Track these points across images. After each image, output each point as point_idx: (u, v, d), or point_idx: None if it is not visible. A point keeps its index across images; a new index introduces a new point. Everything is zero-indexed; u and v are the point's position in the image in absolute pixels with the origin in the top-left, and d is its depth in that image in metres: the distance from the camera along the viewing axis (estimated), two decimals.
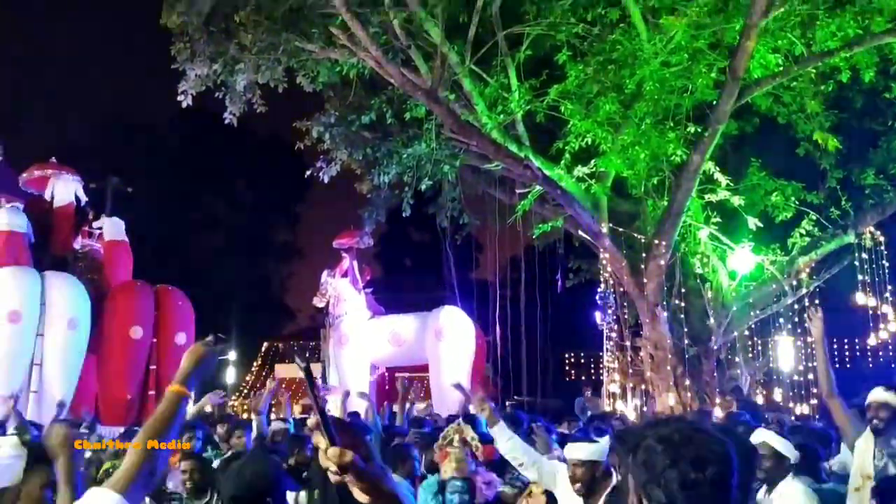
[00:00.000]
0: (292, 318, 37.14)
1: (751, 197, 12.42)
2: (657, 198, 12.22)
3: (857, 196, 12.64)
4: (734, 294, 12.44)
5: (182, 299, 14.17)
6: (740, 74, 10.36)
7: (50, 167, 13.84)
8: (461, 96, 12.34)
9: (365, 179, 14.60)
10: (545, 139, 12.55)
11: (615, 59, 11.09)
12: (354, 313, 15.65)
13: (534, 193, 12.82)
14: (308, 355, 27.73)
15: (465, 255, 20.88)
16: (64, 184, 13.65)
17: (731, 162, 12.71)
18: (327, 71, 12.58)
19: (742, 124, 12.72)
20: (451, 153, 13.14)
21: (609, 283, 12.34)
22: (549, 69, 11.96)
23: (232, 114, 12.49)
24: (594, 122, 11.37)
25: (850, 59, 11.11)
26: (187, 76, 11.86)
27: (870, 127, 12.81)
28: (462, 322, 15.19)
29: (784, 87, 11.83)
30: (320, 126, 13.36)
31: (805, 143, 12.28)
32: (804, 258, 12.49)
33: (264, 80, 11.98)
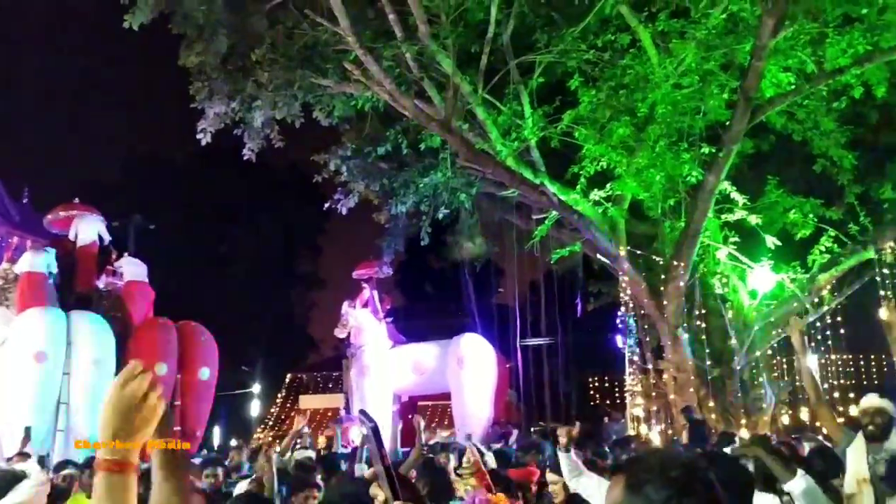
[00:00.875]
0: (315, 349, 37.22)
1: (769, 215, 12.38)
2: (674, 219, 12.23)
3: (875, 211, 12.57)
4: (755, 313, 12.37)
5: (205, 334, 14.30)
6: (752, 94, 10.42)
7: (74, 208, 14.09)
8: (475, 125, 12.47)
9: (383, 209, 14.75)
10: (560, 165, 12.62)
11: (627, 83, 11.19)
12: (376, 343, 15.73)
13: (551, 219, 12.88)
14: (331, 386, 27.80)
15: (485, 281, 20.93)
16: (87, 224, 13.89)
17: (748, 181, 12.69)
18: (342, 105, 12.79)
19: (758, 143, 12.73)
20: (467, 181, 13.26)
21: (629, 306, 12.32)
22: (562, 95, 12.08)
23: (251, 150, 12.71)
24: (608, 146, 11.44)
25: (862, 75, 11.12)
26: (206, 114, 12.11)
27: (885, 141, 12.77)
28: (483, 349, 15.21)
29: (798, 104, 11.84)
30: (337, 159, 13.57)
31: (822, 160, 12.24)
32: (825, 275, 12.41)
33: (281, 116, 12.22)
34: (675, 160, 11.27)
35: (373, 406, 15.25)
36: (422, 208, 13.65)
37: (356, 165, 13.71)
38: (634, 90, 11.25)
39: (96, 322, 12.49)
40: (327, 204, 14.41)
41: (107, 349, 12.37)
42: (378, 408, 15.23)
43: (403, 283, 31.59)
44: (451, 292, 23.96)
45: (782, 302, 12.52)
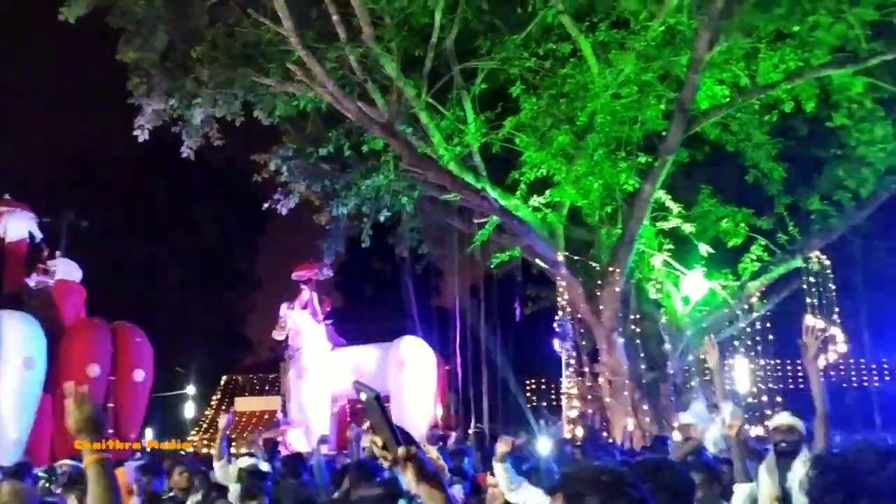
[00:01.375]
0: (252, 351, 36.69)
1: (702, 223, 12.75)
2: (611, 226, 12.48)
3: (803, 221, 13.04)
4: (688, 319, 12.72)
5: (140, 335, 13.98)
6: (688, 106, 10.72)
7: (3, 204, 13.64)
8: (418, 129, 12.49)
9: (323, 211, 14.62)
10: (501, 170, 12.75)
11: (567, 92, 11.40)
12: (314, 345, 15.59)
13: (491, 223, 12.99)
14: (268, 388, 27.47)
15: (426, 284, 20.96)
16: (16, 220, 13.44)
17: (683, 190, 13.03)
18: (284, 104, 12.65)
19: (692, 153, 13.08)
20: (409, 184, 13.26)
21: (566, 311, 12.51)
22: (504, 102, 12.21)
23: (189, 147, 12.48)
24: (548, 154, 11.62)
25: (793, 90, 11.57)
26: (144, 111, 11.85)
27: (814, 154, 13.26)
28: (423, 352, 15.22)
29: (731, 116, 12.24)
30: (278, 159, 13.40)
31: (753, 171, 12.66)
32: (755, 282, 12.83)
33: (221, 114, 12.03)
34: (613, 168, 11.51)
35: (310, 409, 15.11)
36: (363, 210, 13.60)
37: (297, 166, 13.57)
38: (574, 99, 11.46)
39: (26, 322, 12.10)
40: (267, 204, 14.22)
41: (38, 349, 11.99)
42: (315, 411, 15.12)
43: (343, 285, 31.37)
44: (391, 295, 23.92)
45: (714, 308, 12.91)
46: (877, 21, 10.89)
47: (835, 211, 12.93)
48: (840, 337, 13.23)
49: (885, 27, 11.13)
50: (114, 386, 13.15)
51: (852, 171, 12.41)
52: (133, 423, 13.61)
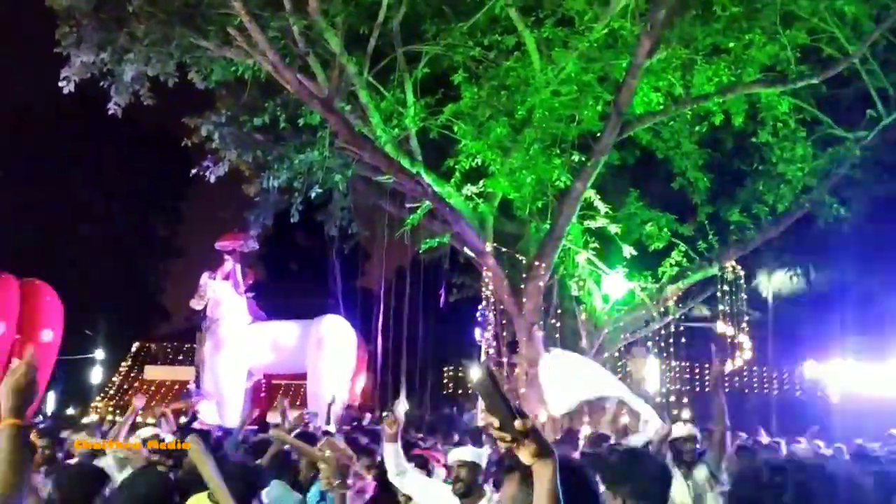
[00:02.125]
0: (167, 319, 35.83)
1: (627, 225, 13.08)
2: (540, 221, 12.67)
3: (723, 231, 13.52)
4: (607, 317, 13.04)
5: (50, 294, 13.51)
6: (624, 109, 10.95)
7: None
8: (357, 107, 12.38)
9: (254, 182, 14.35)
10: (437, 156, 12.77)
11: (508, 84, 11.48)
12: (233, 318, 15.35)
13: (423, 208, 13.01)
14: (181, 358, 26.87)
15: (352, 264, 20.84)
16: None
17: (612, 191, 13.33)
18: (221, 69, 12.32)
19: (624, 156, 13.38)
20: (343, 162, 13.13)
21: (490, 301, 12.66)
22: (446, 88, 12.21)
23: (117, 104, 12.02)
24: (485, 144, 11.69)
25: (724, 104, 11.98)
26: (72, 62, 11.34)
27: (738, 167, 13.75)
28: (344, 332, 15.19)
29: (664, 124, 12.58)
30: (210, 124, 13.03)
31: (680, 178, 13.04)
32: (672, 286, 13.25)
33: (154, 73, 11.62)
34: (547, 164, 11.67)
35: (225, 383, 14.89)
36: (295, 185, 13.38)
37: (230, 133, 13.22)
38: (515, 92, 11.55)
39: None
40: (195, 170, 13.84)
41: None
42: (230, 385, 14.91)
43: (268, 259, 30.91)
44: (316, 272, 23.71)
45: (632, 308, 13.27)
46: (807, 45, 11.37)
47: (752, 224, 13.43)
48: (746, 344, 13.83)
49: (813, 52, 11.64)
50: (19, 345, 12.67)
51: (772, 187, 12.91)
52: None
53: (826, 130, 12.71)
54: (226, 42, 11.53)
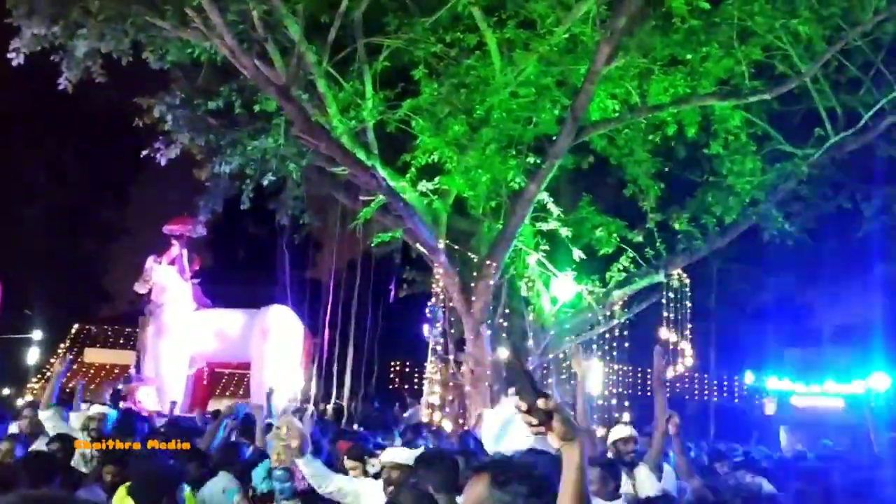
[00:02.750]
0: (109, 302, 35.07)
1: (578, 229, 13.21)
2: (493, 220, 12.72)
3: (670, 240, 13.74)
4: (553, 319, 13.17)
5: None
6: (580, 114, 11.05)
7: None
8: (314, 97, 12.25)
9: (205, 166, 14.08)
10: (394, 151, 12.72)
11: (468, 83, 11.49)
12: (178, 304, 15.10)
13: (377, 202, 12.93)
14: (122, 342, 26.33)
15: (302, 254, 20.65)
16: None
17: (564, 194, 13.47)
18: (177, 50, 12.04)
19: (578, 160, 13.49)
20: (298, 151, 12.99)
21: (440, 298, 12.67)
22: (405, 83, 12.16)
23: (67, 80, 11.69)
24: (442, 141, 11.69)
25: (678, 115, 12.18)
26: (23, 33, 10.99)
27: (689, 177, 13.99)
28: (290, 322, 15.05)
29: (618, 131, 12.73)
30: (163, 105, 12.76)
31: (632, 185, 13.21)
32: (619, 291, 13.43)
33: (107, 50, 11.31)
34: (503, 165, 11.73)
35: (166, 369, 14.64)
36: (247, 171, 13.20)
37: (183, 116, 12.97)
38: (474, 91, 11.57)
39: None
40: (145, 152, 13.55)
41: None
42: (171, 371, 14.66)
43: (216, 245, 30.43)
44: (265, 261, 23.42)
45: (578, 311, 13.42)
46: (761, 62, 11.62)
47: (700, 234, 13.68)
48: (688, 351, 14.11)
49: (767, 69, 11.91)
50: None
51: (720, 198, 13.16)
52: None
53: (776, 146, 13.02)
54: (183, 23, 11.27)
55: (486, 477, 2.01)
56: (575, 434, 1.81)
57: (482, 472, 2.05)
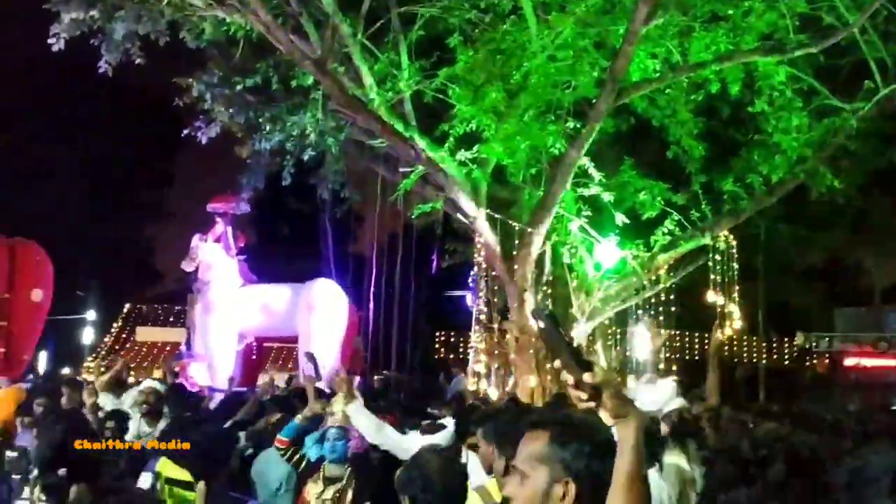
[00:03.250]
0: (158, 281, 35.80)
1: (620, 193, 13.02)
2: (534, 187, 12.61)
3: (716, 201, 13.49)
4: (598, 285, 13.05)
5: (39, 254, 13.42)
6: (620, 76, 10.83)
7: None
8: (350, 70, 12.23)
9: (245, 143, 14.21)
10: (431, 121, 12.65)
11: (504, 49, 11.32)
12: (224, 280, 15.31)
13: (416, 173, 12.92)
14: (172, 320, 26.90)
15: (344, 228, 20.76)
16: None
17: (606, 159, 13.26)
18: (213, 29, 12.10)
19: (619, 123, 13.28)
20: (336, 125, 13.01)
21: (482, 267, 12.66)
22: (441, 51, 12.06)
23: (107, 63, 11.83)
24: (480, 109, 11.57)
25: (720, 72, 11.84)
26: (61, 18, 11.13)
27: (733, 137, 13.68)
28: (335, 296, 15.17)
29: (660, 91, 12.46)
30: (202, 84, 12.87)
31: (674, 147, 12.96)
32: (664, 255, 13.24)
33: (145, 32, 11.41)
34: (542, 131, 11.58)
35: (215, 345, 14.91)
36: (287, 147, 13.27)
37: (221, 94, 13.08)
38: (511, 57, 11.40)
39: None
40: (186, 131, 13.71)
41: None
42: (221, 347, 14.92)
43: (260, 221, 30.80)
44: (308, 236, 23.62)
45: (623, 276, 13.28)
46: (806, 14, 11.24)
47: (745, 194, 13.40)
48: (736, 314, 13.89)
49: (812, 21, 11.52)
50: (8, 304, 12.61)
51: (766, 157, 12.84)
52: (27, 345, 13.14)
53: (823, 101, 12.62)
54: (217, 1, 11.32)
55: (545, 434, 1.95)
56: (629, 410, 1.70)
57: (541, 428, 1.99)
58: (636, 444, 1.68)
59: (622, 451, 1.69)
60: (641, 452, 1.69)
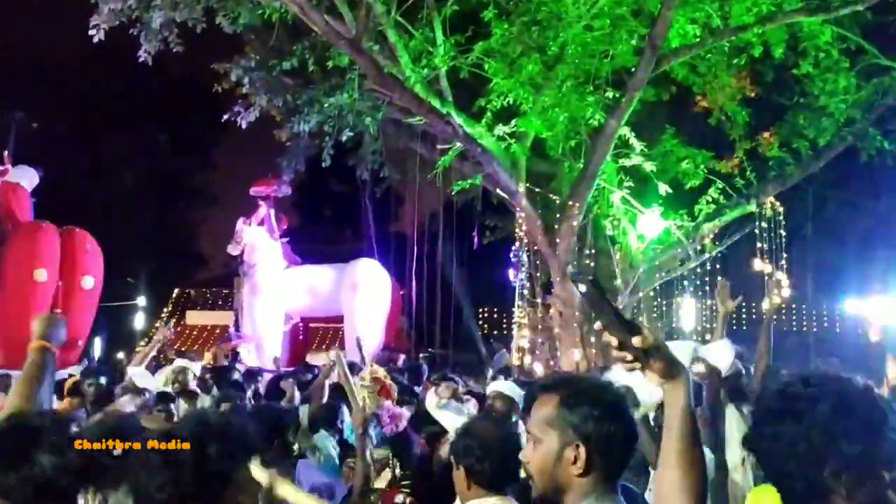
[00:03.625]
0: (205, 265, 36.41)
1: (663, 163, 12.82)
2: (574, 160, 12.48)
3: (761, 167, 13.20)
4: (641, 256, 12.90)
5: (90, 242, 13.71)
6: (659, 43, 10.64)
7: None
8: (385, 48, 12.21)
9: (284, 127, 14.32)
10: (468, 96, 12.58)
11: (540, 20, 11.18)
12: (269, 263, 15.52)
13: (454, 150, 12.89)
14: (220, 303, 27.37)
15: (385, 207, 20.84)
16: None
17: (646, 128, 13.05)
18: (248, 13, 12.19)
19: (659, 92, 13.05)
20: (373, 105, 13.02)
21: (523, 242, 12.60)
22: (475, 26, 11.96)
23: (147, 52, 12.01)
24: (517, 82, 11.47)
25: (763, 35, 11.53)
26: (101, 9, 11.31)
27: (778, 101, 13.35)
28: (378, 275, 15.27)
29: (700, 57, 12.20)
30: (239, 69, 12.99)
31: (717, 113, 12.71)
32: (709, 224, 13.03)
33: (182, 19, 11.55)
34: (580, 102, 11.45)
35: (262, 326, 15.14)
36: (325, 128, 13.33)
37: (259, 78, 13.18)
38: (547, 28, 11.26)
39: None
40: (226, 116, 13.86)
41: None
42: (268, 328, 15.15)
43: (301, 204, 31.09)
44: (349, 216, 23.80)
45: (667, 247, 13.10)
46: None
47: (792, 159, 13.09)
48: (785, 282, 13.62)
49: None
50: (62, 292, 12.94)
51: (813, 120, 12.53)
52: (81, 331, 13.47)
53: (871, 60, 12.22)
54: None
55: (555, 397, 1.94)
56: (678, 371, 1.64)
57: (551, 391, 1.97)
58: (686, 406, 1.63)
59: (673, 413, 1.65)
60: (693, 414, 1.65)
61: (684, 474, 1.62)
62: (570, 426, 1.88)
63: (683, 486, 1.62)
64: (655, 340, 1.60)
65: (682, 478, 1.62)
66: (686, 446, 1.63)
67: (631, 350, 1.59)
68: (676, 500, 1.63)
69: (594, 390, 1.91)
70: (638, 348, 1.58)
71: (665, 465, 1.66)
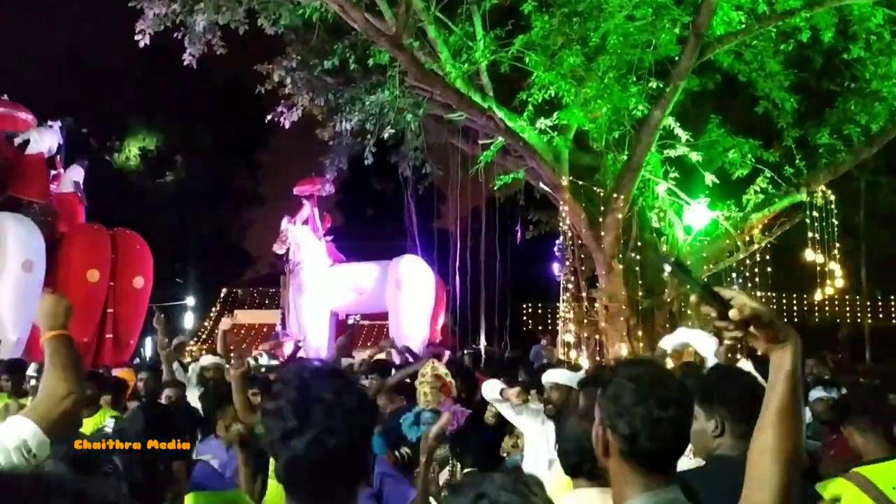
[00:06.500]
0: (252, 265, 36.92)
1: (709, 153, 12.58)
2: (617, 152, 12.33)
3: (811, 155, 12.87)
4: (689, 248, 12.69)
5: (140, 243, 14.03)
6: (703, 31, 10.44)
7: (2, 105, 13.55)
8: (425, 44, 12.21)
9: (327, 126, 14.46)
10: (509, 90, 12.52)
11: (580, 11, 11.07)
12: (314, 261, 15.67)
13: (496, 145, 12.84)
14: (267, 302, 27.73)
15: (427, 204, 20.86)
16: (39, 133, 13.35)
17: (691, 118, 12.82)
18: (289, 13, 12.33)
19: (703, 81, 12.80)
20: (414, 101, 13.05)
21: (567, 236, 12.50)
22: (515, 19, 11.88)
23: (191, 55, 12.22)
24: (558, 75, 11.37)
25: (811, 19, 11.24)
26: (145, 15, 11.54)
27: (827, 87, 13.00)
28: (422, 272, 15.31)
29: (746, 45, 11.93)
30: (282, 70, 13.15)
31: (764, 102, 12.41)
32: (757, 214, 12.74)
33: (224, 21, 11.73)
34: (623, 93, 11.29)
35: (309, 324, 15.29)
36: (367, 127, 13.41)
37: (301, 78, 13.33)
38: (587, 18, 11.14)
39: (25, 225, 12.14)
40: (270, 116, 14.03)
41: (36, 252, 12.06)
42: (314, 326, 15.30)
43: (345, 202, 31.35)
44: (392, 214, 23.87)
45: (715, 238, 12.86)
46: None
47: (843, 146, 12.73)
48: (838, 272, 13.26)
49: None
50: (113, 292, 13.25)
51: (864, 106, 12.16)
52: (132, 330, 13.78)
53: None
54: None
55: (593, 392, 1.95)
56: (787, 334, 1.58)
57: (587, 385, 2.01)
58: (793, 370, 1.57)
59: (777, 378, 1.59)
60: (798, 380, 1.58)
61: (780, 439, 1.58)
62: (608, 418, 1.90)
63: (776, 449, 1.58)
64: (754, 310, 1.55)
65: (777, 442, 1.58)
66: (785, 409, 1.58)
67: (729, 320, 1.56)
68: (766, 463, 1.58)
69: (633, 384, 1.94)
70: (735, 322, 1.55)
71: (761, 428, 1.61)
